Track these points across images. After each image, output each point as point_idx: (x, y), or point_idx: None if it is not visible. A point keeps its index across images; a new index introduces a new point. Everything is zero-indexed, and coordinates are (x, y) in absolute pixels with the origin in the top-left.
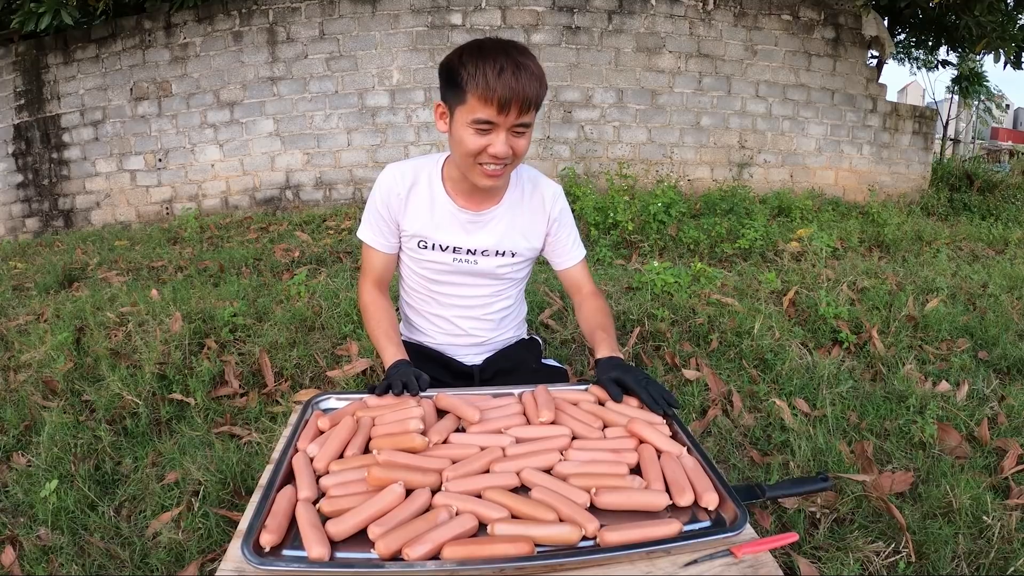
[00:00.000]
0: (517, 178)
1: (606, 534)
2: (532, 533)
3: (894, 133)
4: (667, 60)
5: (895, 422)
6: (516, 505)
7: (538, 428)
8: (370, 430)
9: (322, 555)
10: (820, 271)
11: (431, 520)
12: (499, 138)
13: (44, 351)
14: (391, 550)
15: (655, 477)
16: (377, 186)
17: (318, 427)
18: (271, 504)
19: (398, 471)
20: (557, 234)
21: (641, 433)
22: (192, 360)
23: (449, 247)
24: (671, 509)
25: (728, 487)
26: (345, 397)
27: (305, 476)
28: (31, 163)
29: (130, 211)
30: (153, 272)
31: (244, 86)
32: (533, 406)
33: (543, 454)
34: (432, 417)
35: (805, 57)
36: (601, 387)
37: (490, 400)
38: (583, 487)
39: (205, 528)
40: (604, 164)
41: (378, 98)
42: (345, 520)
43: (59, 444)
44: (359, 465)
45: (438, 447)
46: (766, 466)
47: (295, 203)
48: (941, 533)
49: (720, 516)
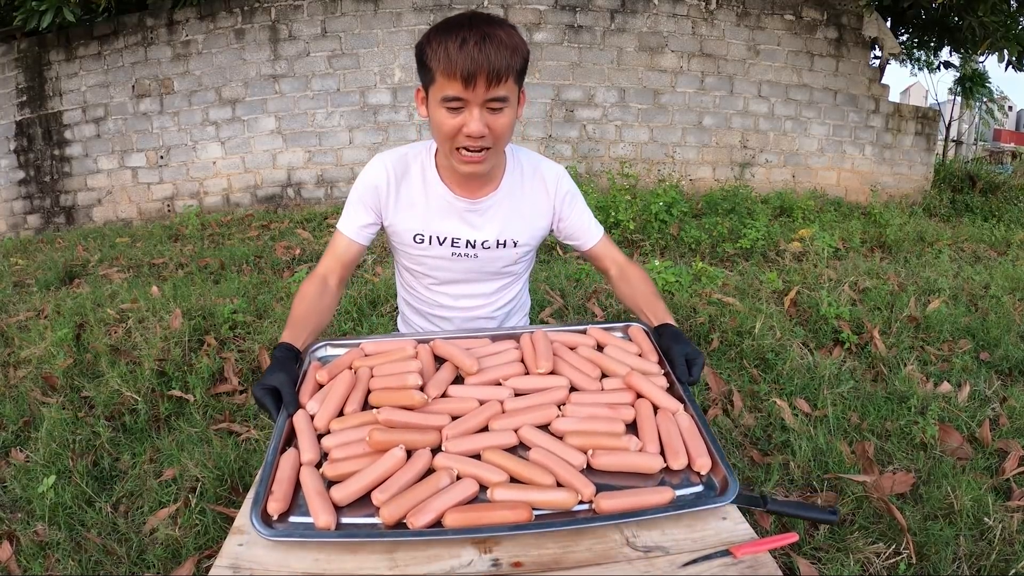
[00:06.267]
0: (516, 162)
1: (601, 501)
2: (530, 498)
3: (896, 134)
4: (669, 59)
5: (896, 423)
6: (515, 467)
7: (536, 379)
8: (369, 383)
9: (329, 523)
10: (822, 271)
11: (433, 485)
12: (473, 115)
13: (44, 347)
14: (395, 517)
15: (650, 438)
16: (363, 175)
17: (316, 380)
18: (275, 470)
19: (398, 431)
20: (570, 216)
21: (639, 387)
22: (192, 357)
23: (447, 239)
24: (663, 471)
25: (720, 451)
26: (340, 344)
27: (307, 437)
28: (33, 160)
29: (131, 208)
30: (154, 269)
31: (246, 84)
32: (532, 354)
33: (541, 409)
34: (430, 366)
35: (808, 57)
36: (671, 359)
37: (488, 345)
38: (580, 447)
39: (202, 525)
40: (606, 163)
41: (380, 96)
42: (349, 485)
43: (58, 440)
44: (359, 423)
45: (437, 400)
46: (766, 466)
47: (296, 201)
48: (942, 535)
49: (711, 480)
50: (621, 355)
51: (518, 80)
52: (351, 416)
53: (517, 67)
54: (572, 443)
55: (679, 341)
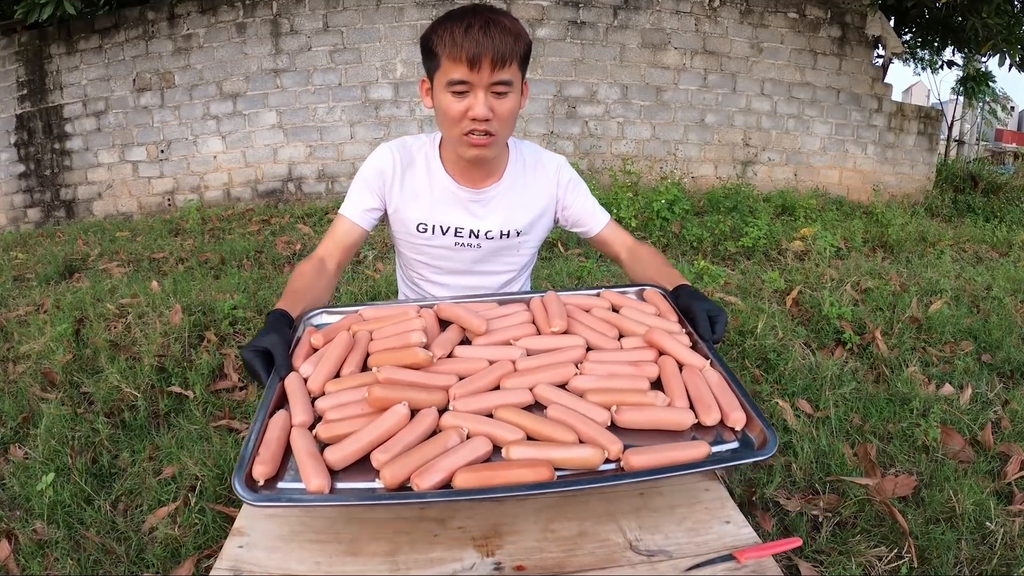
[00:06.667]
0: (518, 154)
1: (631, 457)
2: (551, 456)
3: (899, 133)
4: (672, 57)
5: (898, 424)
6: (532, 425)
7: (550, 338)
8: (368, 345)
9: (321, 487)
10: (824, 271)
11: (440, 444)
12: (478, 99)
13: (43, 342)
14: (398, 479)
15: (678, 393)
16: (369, 160)
17: (311, 344)
18: (263, 431)
19: (400, 390)
20: (573, 202)
21: (661, 343)
22: (191, 353)
23: (450, 229)
24: (694, 428)
25: (755, 406)
26: (338, 311)
27: (299, 399)
28: (33, 153)
29: (132, 202)
30: (154, 264)
31: (247, 78)
32: (543, 314)
33: (557, 367)
34: (434, 329)
35: (811, 55)
36: (691, 317)
37: (496, 309)
38: (602, 404)
39: (202, 524)
40: (608, 160)
41: (381, 91)
42: (345, 446)
43: (57, 437)
44: (358, 384)
45: (442, 362)
46: (767, 467)
47: (297, 196)
48: (944, 539)
49: (747, 437)
50: (639, 315)
51: (521, 67)
52: (348, 377)
53: (521, 52)
54: (593, 400)
55: (699, 298)
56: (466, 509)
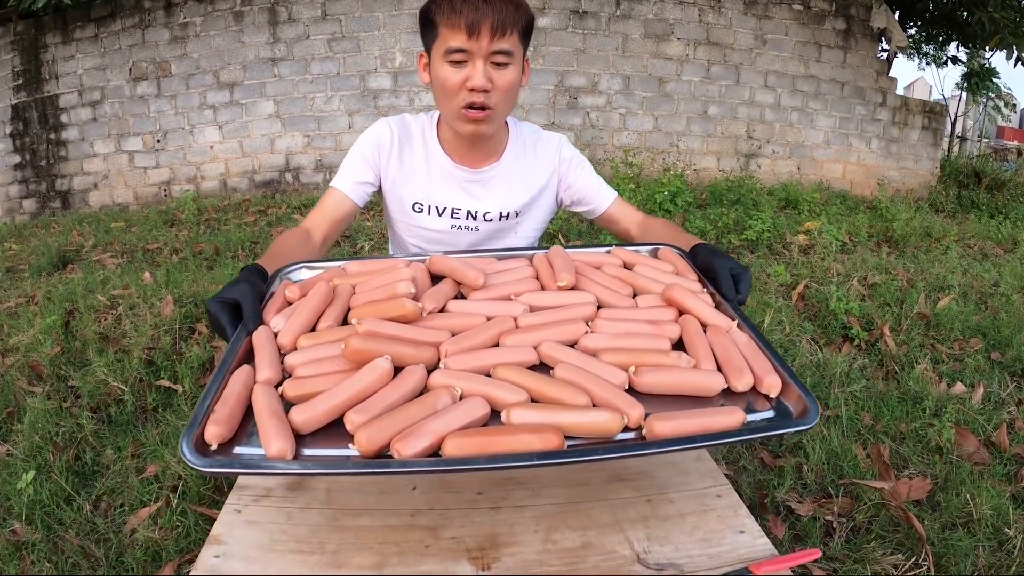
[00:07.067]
0: (518, 134)
1: (655, 424)
2: (560, 421)
3: (903, 128)
4: (675, 47)
5: (911, 424)
6: (537, 386)
7: (557, 294)
8: (349, 299)
9: (283, 451)
10: (830, 265)
11: (428, 405)
12: (476, 68)
13: (32, 335)
14: (376, 445)
15: (704, 355)
16: (366, 134)
17: (286, 297)
18: (222, 387)
19: (383, 343)
20: (576, 180)
21: (682, 301)
22: (182, 345)
23: (447, 209)
24: (722, 395)
25: (791, 370)
26: (319, 265)
27: (266, 353)
28: (29, 144)
29: (128, 193)
30: (148, 255)
31: (244, 67)
32: (548, 269)
33: (565, 324)
34: (425, 282)
35: (815, 48)
36: (713, 275)
37: (496, 263)
38: (618, 364)
39: (183, 527)
40: (609, 151)
41: (380, 80)
42: (315, 405)
43: (40, 432)
44: (335, 339)
45: (433, 316)
46: (778, 469)
47: (294, 186)
48: (960, 545)
49: (783, 405)
50: (655, 273)
51: (523, 40)
52: (325, 331)
53: (522, 23)
54: (608, 361)
55: (720, 255)
56: (460, 518)
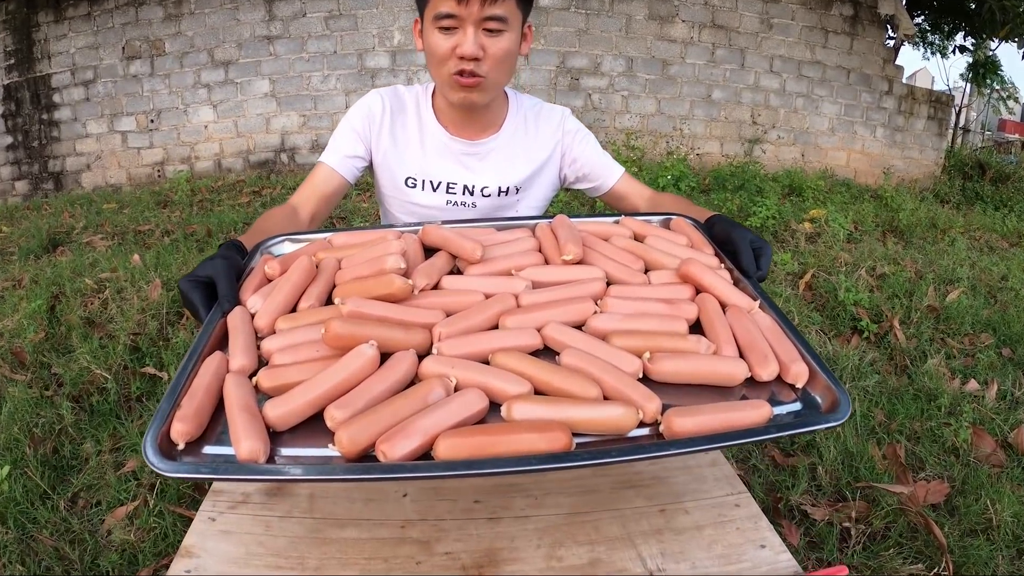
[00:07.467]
0: (518, 105)
1: (674, 420)
2: (568, 417)
3: (909, 117)
4: (680, 29)
5: (926, 423)
6: (542, 375)
7: (562, 269)
8: (334, 275)
9: (255, 452)
10: (837, 254)
11: (419, 398)
12: (467, 35)
13: (17, 320)
14: (359, 446)
15: (725, 339)
16: (356, 105)
17: (265, 273)
18: (191, 378)
19: (369, 327)
20: (581, 153)
21: (700, 278)
22: (169, 330)
23: (442, 184)
24: (744, 385)
25: (819, 357)
26: (303, 237)
27: (241, 337)
28: (21, 124)
29: (121, 173)
30: (139, 236)
31: (239, 45)
32: (553, 241)
33: (572, 303)
34: (417, 255)
35: (822, 33)
36: (732, 247)
37: (495, 234)
38: (631, 349)
39: (160, 528)
40: (611, 134)
41: (378, 59)
42: (291, 399)
43: (19, 423)
44: (316, 321)
45: (426, 294)
46: (791, 469)
47: (290, 166)
48: (979, 553)
49: (809, 396)
50: (668, 246)
51: (520, 5)
52: (305, 312)
53: None
54: (619, 345)
55: (739, 227)
56: (455, 530)
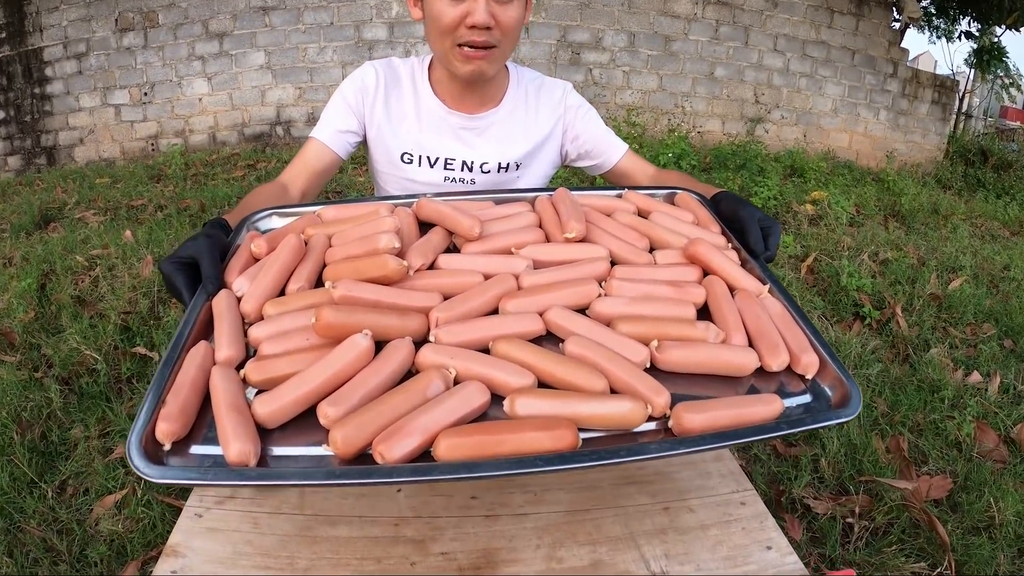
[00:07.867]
0: (519, 79)
1: (684, 416)
2: (575, 411)
3: (912, 100)
4: (683, 5)
5: (929, 416)
6: (545, 365)
7: (564, 247)
8: (324, 253)
9: (245, 454)
10: (840, 238)
11: (416, 392)
12: (478, 3)
13: (7, 299)
14: (354, 446)
15: (734, 326)
16: (349, 78)
17: (252, 253)
18: (175, 372)
19: (362, 313)
20: (584, 129)
21: (708, 259)
22: (160, 309)
23: (439, 160)
24: (753, 375)
25: (828, 346)
26: (293, 212)
27: (227, 325)
28: (13, 99)
29: (114, 147)
30: (132, 211)
31: (234, 16)
32: (553, 216)
33: (575, 285)
34: (412, 233)
35: (827, 13)
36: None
37: (493, 208)
38: (638, 337)
39: (149, 519)
40: (612, 110)
41: (376, 31)
42: (281, 395)
43: (7, 407)
44: (306, 305)
45: (421, 274)
46: (793, 460)
47: (285, 140)
48: (982, 552)
49: (818, 387)
50: (673, 223)
51: None
52: (295, 296)
53: None
54: (625, 332)
55: (746, 205)
56: (451, 528)
